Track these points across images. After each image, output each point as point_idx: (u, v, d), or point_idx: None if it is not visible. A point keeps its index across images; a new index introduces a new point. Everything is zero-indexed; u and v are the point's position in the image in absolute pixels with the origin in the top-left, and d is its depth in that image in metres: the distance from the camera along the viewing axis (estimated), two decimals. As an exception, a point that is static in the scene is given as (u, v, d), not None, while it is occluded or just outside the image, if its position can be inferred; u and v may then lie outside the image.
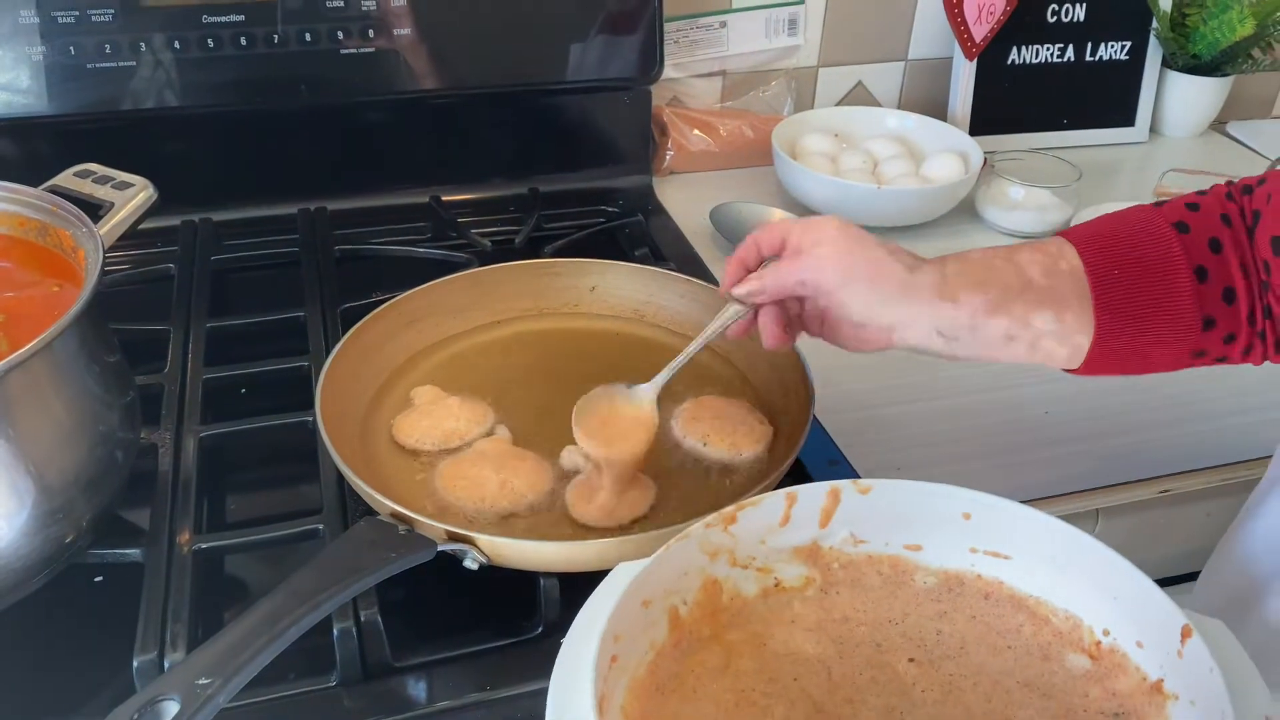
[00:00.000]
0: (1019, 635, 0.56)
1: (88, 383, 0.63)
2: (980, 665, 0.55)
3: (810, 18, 1.26)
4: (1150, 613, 0.51)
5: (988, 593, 0.58)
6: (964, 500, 0.57)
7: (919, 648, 0.56)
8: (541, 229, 1.06)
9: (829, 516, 0.58)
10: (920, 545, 0.59)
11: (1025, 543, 0.57)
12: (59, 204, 0.68)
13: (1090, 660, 0.54)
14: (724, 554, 0.56)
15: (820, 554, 0.59)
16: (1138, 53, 1.33)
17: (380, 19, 0.99)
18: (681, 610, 0.55)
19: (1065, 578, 0.56)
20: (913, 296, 0.63)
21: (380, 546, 0.58)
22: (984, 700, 0.53)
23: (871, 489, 0.57)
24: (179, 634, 0.60)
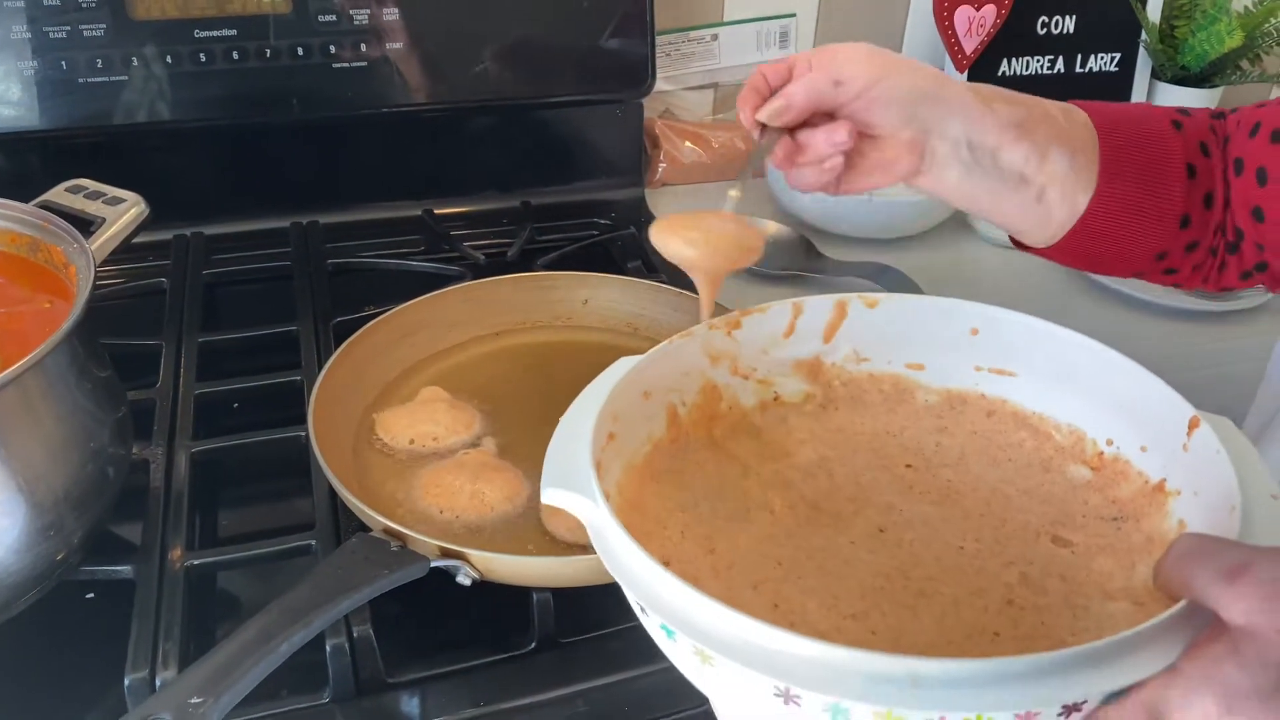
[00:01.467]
0: (1020, 449, 0.56)
1: (79, 399, 0.63)
2: (979, 474, 0.55)
3: (802, 30, 1.26)
4: (1156, 411, 0.50)
5: (991, 410, 0.58)
6: (972, 315, 0.56)
7: (916, 455, 0.56)
8: (534, 242, 1.06)
9: (833, 331, 0.58)
10: (923, 365, 0.58)
11: (1032, 357, 0.56)
12: (50, 219, 0.68)
13: (1091, 471, 0.54)
14: (725, 360, 0.56)
15: (822, 369, 0.58)
16: (1127, 64, 1.34)
17: (373, 33, 0.99)
18: (680, 410, 0.55)
19: (1071, 390, 0.55)
20: (950, 92, 0.62)
21: (373, 563, 0.58)
22: (982, 504, 0.53)
23: (879, 303, 0.57)
24: (170, 652, 0.60)
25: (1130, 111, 0.68)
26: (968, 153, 0.63)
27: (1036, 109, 0.65)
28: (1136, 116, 0.67)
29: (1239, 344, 1.00)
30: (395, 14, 0.99)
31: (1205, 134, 0.67)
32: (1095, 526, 0.52)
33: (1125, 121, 0.66)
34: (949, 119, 0.62)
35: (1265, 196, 0.64)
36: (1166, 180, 0.66)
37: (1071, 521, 0.52)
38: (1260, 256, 0.67)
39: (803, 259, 1.07)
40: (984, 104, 0.63)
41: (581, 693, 0.62)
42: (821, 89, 0.61)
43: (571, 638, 0.65)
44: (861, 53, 0.62)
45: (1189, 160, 0.66)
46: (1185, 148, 0.66)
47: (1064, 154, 0.64)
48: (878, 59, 0.62)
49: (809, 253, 1.08)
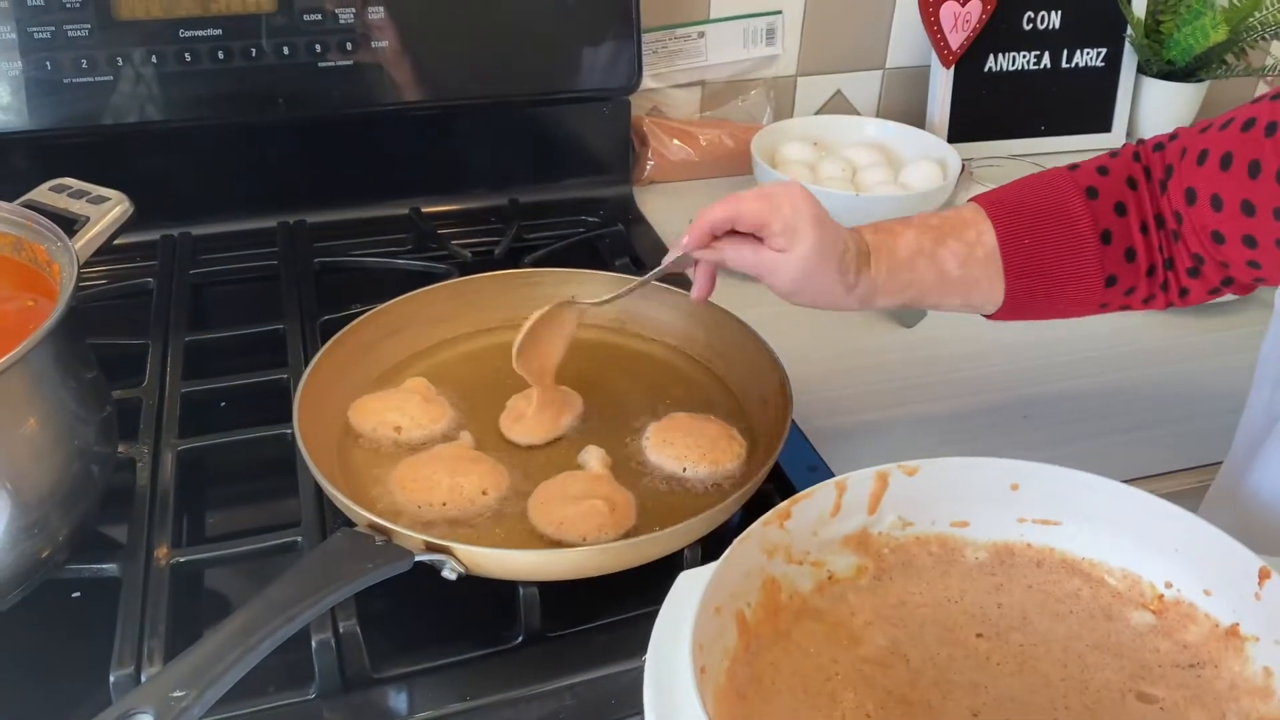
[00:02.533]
0: (1078, 599, 0.56)
1: (63, 398, 0.63)
2: (1046, 632, 0.55)
3: (788, 27, 1.26)
4: (1218, 559, 0.51)
5: (1040, 560, 0.58)
6: (1011, 471, 0.57)
7: (983, 623, 0.56)
8: (522, 239, 1.06)
9: (877, 501, 0.58)
10: (967, 521, 0.59)
11: (1074, 506, 0.57)
12: (33, 218, 0.68)
13: (1154, 615, 0.54)
14: (780, 551, 0.56)
15: (870, 540, 0.59)
16: (1113, 59, 1.34)
17: (358, 32, 0.99)
18: (746, 613, 0.54)
19: (1119, 537, 0.56)
20: (835, 302, 0.72)
21: (356, 557, 0.58)
22: (1060, 666, 0.53)
23: (918, 470, 0.58)
24: (155, 648, 0.60)
25: (1039, 196, 0.73)
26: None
27: (930, 281, 0.72)
28: (1045, 203, 0.72)
29: (1233, 334, 1.01)
30: (381, 13, 0.99)
31: (1122, 191, 0.72)
32: (1175, 676, 0.52)
33: (1032, 214, 0.72)
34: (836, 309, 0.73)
35: (1222, 220, 0.66)
36: (1080, 260, 0.71)
37: (1150, 674, 0.52)
38: (1225, 273, 0.70)
39: (790, 255, 1.07)
40: (869, 305, 0.73)
41: (568, 687, 0.63)
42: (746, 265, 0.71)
43: (558, 632, 0.65)
44: (794, 270, 0.69)
45: (1103, 228, 0.71)
46: (1097, 217, 0.71)
47: (957, 301, 0.74)
48: (801, 283, 0.70)
49: (796, 248, 1.08)
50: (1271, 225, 0.63)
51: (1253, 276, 0.68)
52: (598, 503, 0.65)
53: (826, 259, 0.69)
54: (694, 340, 0.86)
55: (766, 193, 0.69)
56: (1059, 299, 0.73)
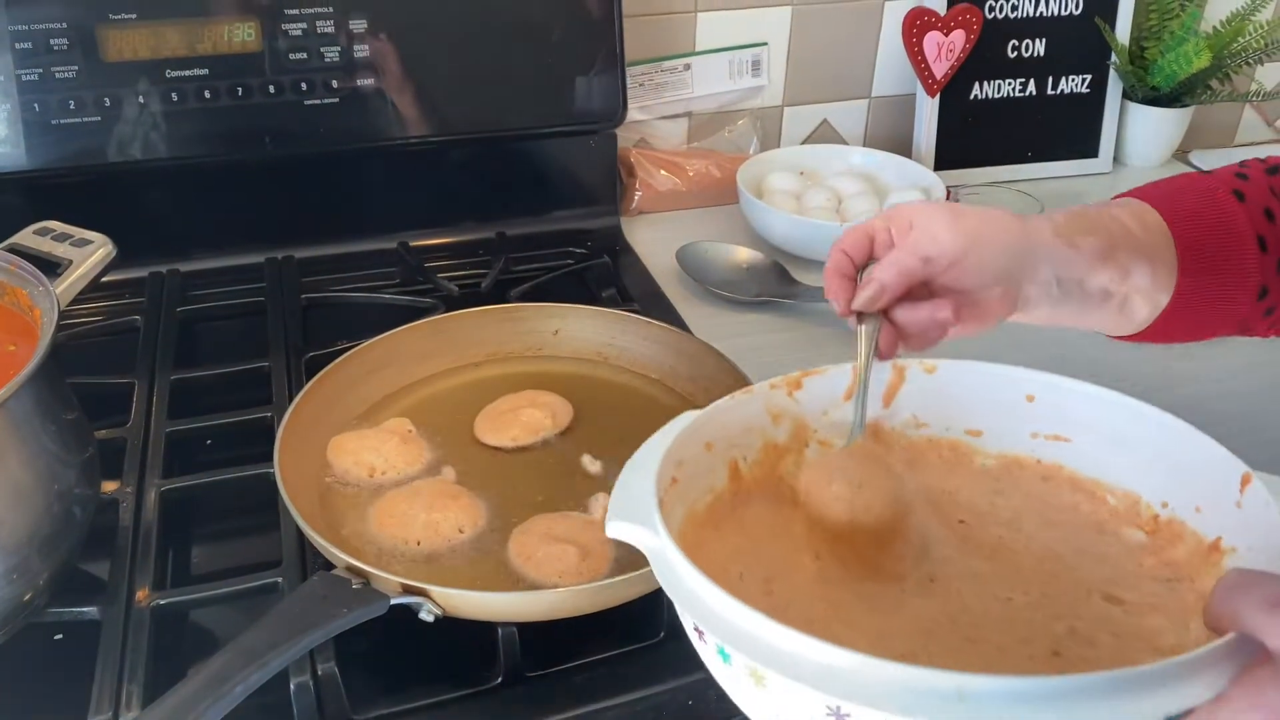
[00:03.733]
0: (1075, 512, 0.57)
1: (44, 441, 0.63)
2: (1032, 534, 0.55)
3: (774, 58, 1.27)
4: (1209, 472, 0.51)
5: (1046, 475, 0.58)
6: (1028, 382, 0.58)
7: (971, 512, 0.57)
8: (510, 272, 1.07)
9: (893, 394, 0.59)
10: (981, 431, 0.59)
11: (1087, 423, 0.57)
12: (16, 263, 0.69)
13: (1146, 535, 0.55)
14: (787, 419, 0.57)
15: (882, 433, 0.60)
16: (1098, 86, 1.35)
17: (344, 70, 1.00)
18: (742, 465, 0.56)
19: (1126, 455, 0.56)
20: (1035, 242, 0.62)
21: (332, 602, 0.58)
22: (1034, 561, 0.54)
23: (937, 368, 0.58)
24: (134, 693, 0.60)
25: (1193, 193, 0.67)
26: (1057, 289, 0.63)
27: (1116, 229, 0.64)
28: (1201, 198, 0.66)
29: (1218, 364, 1.01)
30: (366, 51, 1.00)
31: (1267, 197, 0.67)
32: (1149, 587, 0.52)
33: (1193, 211, 0.66)
34: (1038, 267, 0.62)
35: None
36: (1240, 263, 0.66)
37: (1124, 581, 0.52)
38: None
39: (776, 285, 1.07)
40: (1068, 244, 0.63)
41: (548, 727, 0.63)
42: (912, 268, 0.60)
43: (538, 671, 0.65)
44: (943, 223, 0.61)
45: (1258, 233, 0.66)
46: (1251, 220, 0.66)
47: (1145, 268, 0.64)
48: (961, 225, 0.61)
49: (782, 279, 1.08)
50: None
51: None
52: (569, 548, 0.66)
53: (953, 205, 0.63)
54: (676, 374, 0.86)
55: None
56: (1218, 304, 0.66)
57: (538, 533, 0.68)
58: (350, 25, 0.99)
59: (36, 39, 0.92)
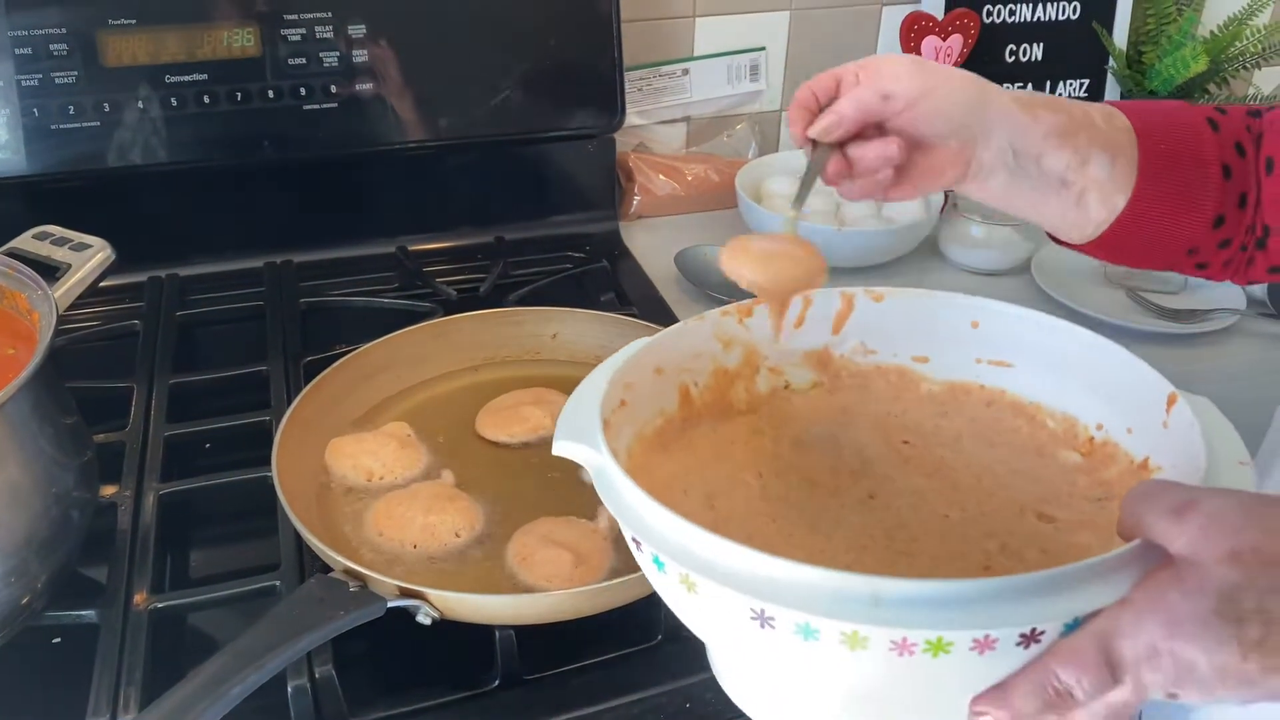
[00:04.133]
0: (1016, 434, 0.58)
1: (42, 445, 0.63)
2: (972, 454, 0.57)
3: (772, 63, 1.28)
4: (1141, 393, 0.52)
5: (990, 400, 0.60)
6: (973, 308, 0.59)
7: (915, 434, 0.58)
8: (509, 276, 1.07)
9: (842, 322, 0.61)
10: (927, 357, 0.61)
11: (1029, 348, 0.59)
12: (15, 267, 0.69)
13: (1081, 456, 0.56)
14: (737, 346, 0.59)
15: (830, 360, 0.61)
16: (1096, 90, 1.35)
17: (343, 75, 1.01)
18: (693, 390, 0.58)
19: (1065, 379, 0.57)
20: (994, 100, 0.64)
21: (328, 604, 0.58)
22: (972, 479, 0.55)
23: (884, 296, 0.60)
24: (132, 696, 0.60)
25: (1168, 113, 0.69)
26: (1013, 159, 0.64)
27: (1079, 114, 0.66)
28: (1174, 119, 0.68)
29: (1206, 366, 1.01)
30: (365, 56, 1.01)
31: (1241, 133, 0.68)
32: (1080, 505, 0.54)
33: (1163, 124, 0.68)
34: (995, 128, 0.63)
35: None
36: (1202, 181, 0.67)
37: (1057, 500, 0.54)
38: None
39: (774, 289, 1.07)
40: (1028, 112, 0.64)
41: (545, 729, 0.63)
42: (870, 104, 0.62)
43: (536, 674, 0.65)
44: (906, 66, 0.63)
45: (1224, 161, 0.67)
46: (1220, 148, 0.68)
47: (1104, 159, 0.65)
48: (923, 71, 0.63)
49: (780, 283, 1.08)
50: None
51: None
52: (565, 553, 0.66)
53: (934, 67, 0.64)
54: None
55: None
56: (1172, 217, 0.68)
57: (537, 535, 0.68)
58: (349, 31, 1.00)
59: (36, 44, 0.92)
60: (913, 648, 0.38)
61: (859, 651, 0.39)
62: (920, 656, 0.39)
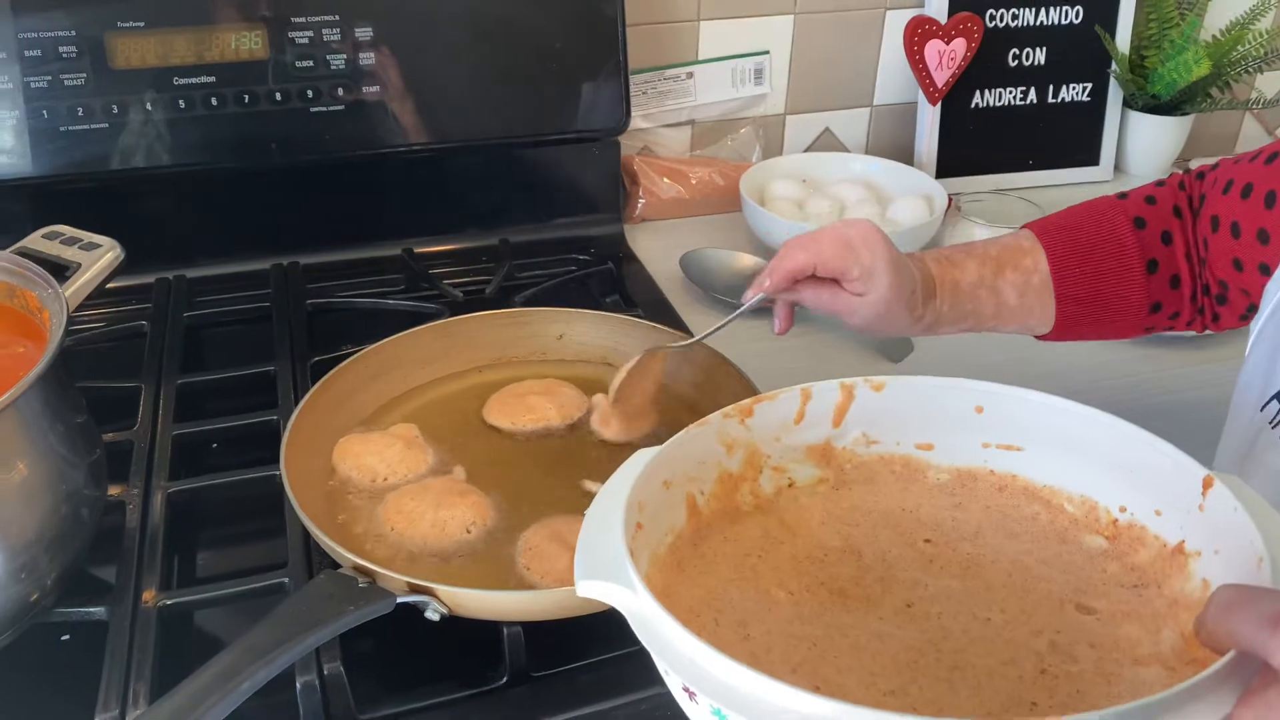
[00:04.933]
0: (1034, 522, 0.57)
1: (52, 442, 0.64)
2: (997, 546, 0.55)
3: (776, 67, 1.28)
4: (1168, 476, 0.51)
5: (1001, 486, 0.59)
6: (976, 393, 0.58)
7: (935, 530, 0.57)
8: (514, 278, 1.07)
9: (842, 414, 0.59)
10: (932, 444, 0.60)
11: (1038, 431, 0.57)
12: (26, 266, 0.70)
13: (1106, 541, 0.55)
14: (740, 448, 0.57)
15: (833, 454, 0.60)
16: (1099, 94, 1.36)
17: (350, 78, 1.01)
18: (699, 500, 0.56)
19: (1079, 461, 0.56)
20: (905, 332, 0.76)
21: (338, 600, 0.58)
22: (1003, 575, 0.54)
23: (885, 385, 0.59)
24: (141, 692, 0.61)
25: (1091, 226, 0.76)
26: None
27: (988, 312, 0.76)
28: (1096, 232, 0.75)
29: (1207, 368, 1.01)
30: (373, 59, 1.01)
31: (1168, 220, 0.75)
32: (1117, 594, 0.52)
33: (1083, 243, 0.75)
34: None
35: (1241, 248, 0.69)
36: (1127, 288, 0.75)
37: (1093, 590, 0.53)
38: (1248, 300, 0.71)
39: (779, 291, 1.08)
40: (933, 332, 0.76)
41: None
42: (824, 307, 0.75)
43: (543, 671, 0.65)
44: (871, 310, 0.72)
45: (1150, 258, 0.74)
46: (1145, 247, 0.74)
47: (1014, 327, 0.77)
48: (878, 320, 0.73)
49: (785, 285, 1.09)
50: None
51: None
52: (566, 553, 0.66)
53: (899, 298, 0.71)
54: (680, 378, 0.86)
55: (844, 239, 0.71)
56: (1106, 323, 0.77)
57: (546, 533, 0.68)
58: (356, 34, 1.00)
59: (45, 46, 0.93)
60: None
61: None
62: None
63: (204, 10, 0.96)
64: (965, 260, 0.76)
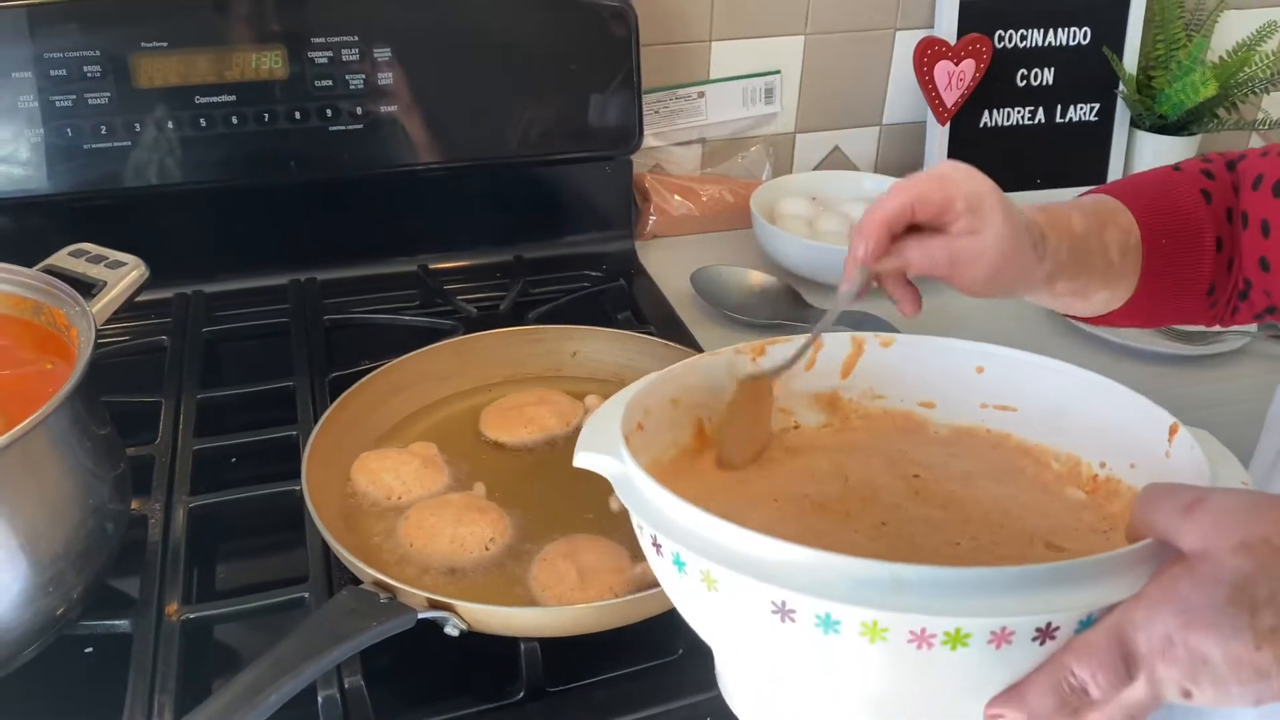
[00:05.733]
0: (1022, 474, 0.60)
1: (79, 457, 0.65)
2: (983, 489, 0.58)
3: (786, 87, 1.30)
4: (1142, 428, 0.54)
5: (996, 443, 0.61)
6: (978, 354, 0.61)
7: (925, 468, 0.59)
8: (527, 294, 1.09)
9: (851, 367, 0.62)
10: (933, 402, 0.62)
11: (1032, 391, 0.60)
12: (53, 283, 0.71)
13: (1086, 494, 0.58)
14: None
15: (839, 403, 0.63)
16: (1106, 114, 1.37)
17: (368, 97, 1.03)
18: (706, 425, 0.59)
19: (1067, 419, 0.59)
20: (1028, 286, 0.67)
21: (361, 615, 0.59)
22: (981, 509, 0.56)
23: (893, 341, 0.61)
24: (166, 704, 0.62)
25: (1171, 196, 0.71)
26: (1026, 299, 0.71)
27: (1098, 268, 0.69)
28: (1176, 203, 0.71)
29: (1221, 387, 1.02)
30: (390, 78, 1.03)
31: (1229, 196, 0.71)
32: (1087, 537, 0.55)
33: (1167, 214, 0.71)
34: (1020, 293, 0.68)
35: (1270, 248, 0.68)
36: (1200, 264, 0.71)
37: (1065, 532, 0.55)
38: (1269, 301, 0.71)
39: (789, 308, 1.09)
40: (1049, 288, 0.68)
41: (569, 742, 0.64)
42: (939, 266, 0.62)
43: (559, 687, 0.66)
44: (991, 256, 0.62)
45: (1218, 234, 0.71)
46: (1214, 222, 0.71)
47: (1106, 294, 0.71)
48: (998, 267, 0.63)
49: (795, 302, 1.10)
50: None
51: None
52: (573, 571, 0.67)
53: (1020, 233, 0.62)
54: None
55: (937, 174, 0.61)
56: (1173, 300, 0.73)
57: (562, 551, 0.69)
58: (375, 54, 1.02)
59: (71, 66, 0.94)
60: (931, 640, 0.39)
61: (878, 645, 0.40)
62: (939, 650, 0.39)
63: (225, 31, 0.98)
64: (1070, 211, 0.68)
